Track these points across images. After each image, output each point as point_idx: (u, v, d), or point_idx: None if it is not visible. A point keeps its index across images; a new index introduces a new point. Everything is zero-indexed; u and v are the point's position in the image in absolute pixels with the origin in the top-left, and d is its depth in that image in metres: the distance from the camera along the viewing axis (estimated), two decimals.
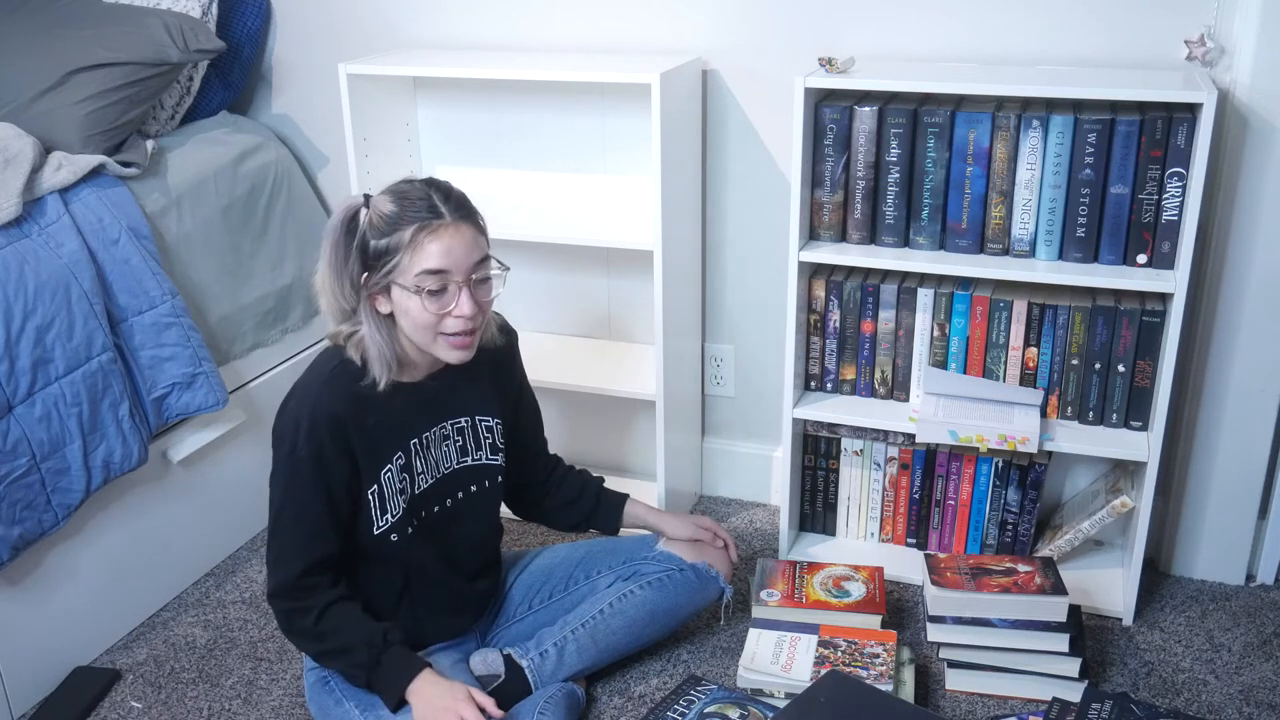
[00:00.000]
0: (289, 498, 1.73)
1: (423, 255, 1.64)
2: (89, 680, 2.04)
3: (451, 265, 1.66)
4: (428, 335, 1.70)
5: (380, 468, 1.76)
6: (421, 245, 1.64)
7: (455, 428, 1.85)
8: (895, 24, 2.18)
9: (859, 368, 2.24)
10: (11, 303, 1.88)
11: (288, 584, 1.74)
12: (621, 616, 1.94)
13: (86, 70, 2.17)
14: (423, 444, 1.81)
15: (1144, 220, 1.97)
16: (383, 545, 1.79)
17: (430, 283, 1.65)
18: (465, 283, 1.67)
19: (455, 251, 1.65)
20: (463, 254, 1.66)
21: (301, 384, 1.75)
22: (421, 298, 1.66)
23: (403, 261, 1.65)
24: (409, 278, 1.65)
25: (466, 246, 1.67)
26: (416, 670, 1.72)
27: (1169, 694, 1.95)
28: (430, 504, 1.84)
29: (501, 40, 2.45)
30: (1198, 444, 2.19)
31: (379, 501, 1.76)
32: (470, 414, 1.87)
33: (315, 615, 1.73)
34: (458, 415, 1.85)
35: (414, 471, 1.80)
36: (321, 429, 1.70)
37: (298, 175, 2.59)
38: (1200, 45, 2.00)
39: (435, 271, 1.65)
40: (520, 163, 2.51)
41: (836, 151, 2.08)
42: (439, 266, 1.65)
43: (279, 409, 1.75)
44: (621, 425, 2.64)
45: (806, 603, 2.07)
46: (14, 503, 1.88)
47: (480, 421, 1.88)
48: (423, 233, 1.64)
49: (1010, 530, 2.25)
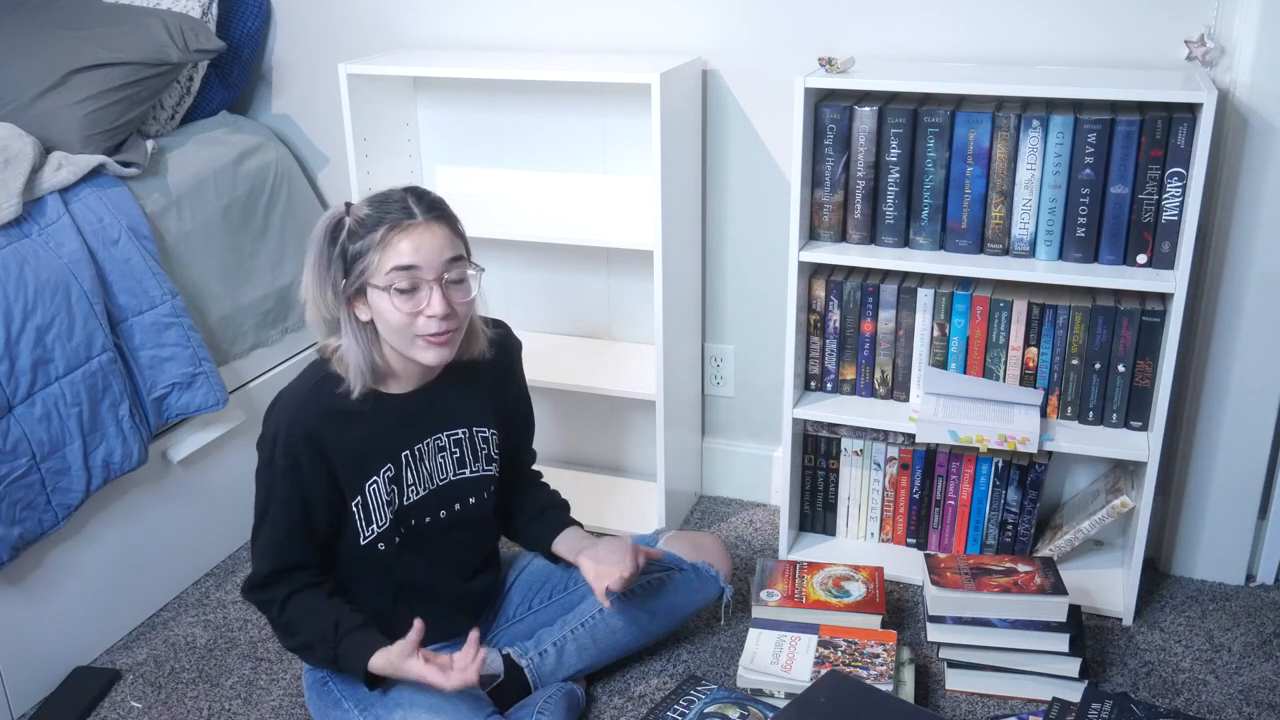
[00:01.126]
0: (267, 502, 1.76)
1: (393, 252, 1.65)
2: (89, 680, 2.04)
3: (422, 262, 1.66)
4: (404, 337, 1.70)
5: (365, 480, 1.76)
6: (392, 243, 1.65)
7: (452, 439, 1.85)
8: (895, 24, 2.18)
9: (859, 368, 2.24)
10: (11, 303, 1.88)
11: (256, 579, 1.78)
12: (621, 616, 1.94)
13: (86, 70, 2.17)
14: (415, 456, 1.81)
15: (1144, 220, 1.97)
16: (371, 554, 1.80)
17: (401, 280, 1.65)
18: (437, 281, 1.67)
19: (425, 249, 1.66)
20: (433, 252, 1.66)
21: (285, 394, 1.77)
22: (392, 296, 1.66)
23: (374, 260, 1.65)
24: (380, 276, 1.66)
25: (438, 245, 1.67)
26: (371, 651, 1.72)
27: (1169, 694, 1.95)
28: (421, 514, 1.83)
29: (501, 40, 2.45)
30: (1198, 444, 2.19)
31: (364, 513, 1.77)
32: (468, 425, 1.86)
33: (278, 608, 1.77)
34: (454, 427, 1.85)
35: (404, 483, 1.80)
36: (298, 442, 1.71)
37: (298, 175, 2.59)
38: (1200, 45, 2.00)
39: (405, 268, 1.65)
40: (520, 163, 2.50)
41: (836, 151, 2.08)
42: (409, 263, 1.65)
43: (265, 413, 1.77)
44: (621, 425, 2.64)
45: (806, 603, 2.07)
46: (14, 503, 1.88)
47: (477, 433, 1.87)
48: (394, 231, 1.65)
49: (1010, 530, 2.25)
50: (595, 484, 2.62)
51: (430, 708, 1.73)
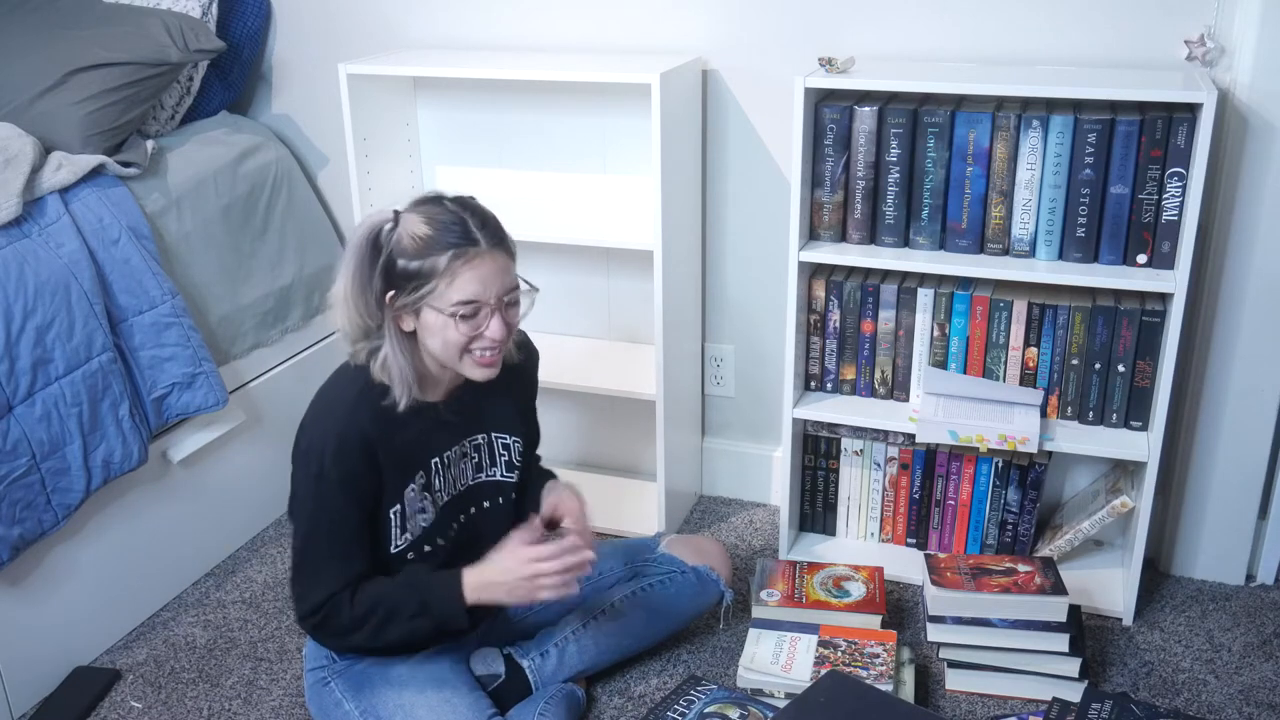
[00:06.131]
0: (319, 519, 1.72)
1: (460, 283, 1.64)
2: (89, 680, 2.04)
3: (483, 295, 1.66)
4: (455, 354, 1.69)
5: (404, 486, 1.75)
6: (458, 273, 1.63)
7: (473, 445, 1.84)
8: (895, 24, 2.18)
9: (859, 368, 2.24)
10: (11, 303, 1.88)
11: (321, 604, 1.72)
12: (622, 618, 1.94)
13: (86, 70, 2.17)
14: (444, 463, 1.80)
15: (1144, 220, 1.97)
16: (397, 561, 1.78)
17: (465, 310, 1.65)
18: (497, 307, 1.68)
19: (490, 280, 1.66)
20: (497, 281, 1.67)
21: (325, 404, 1.73)
22: (456, 322, 1.65)
23: (439, 288, 1.64)
24: (444, 303, 1.64)
25: (500, 273, 1.67)
26: (459, 580, 1.72)
27: (1169, 694, 1.95)
28: (447, 521, 1.82)
29: (501, 40, 2.45)
30: (1198, 444, 2.19)
31: (400, 520, 1.76)
32: (487, 431, 1.86)
33: (348, 604, 1.72)
34: (475, 433, 1.84)
35: (433, 489, 1.79)
36: (352, 449, 1.68)
37: (298, 175, 2.59)
38: (1200, 45, 2.00)
39: (467, 301, 1.65)
40: (520, 163, 2.50)
41: (836, 151, 2.08)
42: (475, 297, 1.65)
43: (300, 429, 1.73)
44: (621, 425, 2.64)
45: (806, 603, 2.07)
46: (14, 503, 1.88)
47: (497, 439, 1.87)
48: (458, 260, 1.63)
49: (1010, 530, 2.25)
50: (595, 484, 2.62)
51: (430, 708, 1.73)
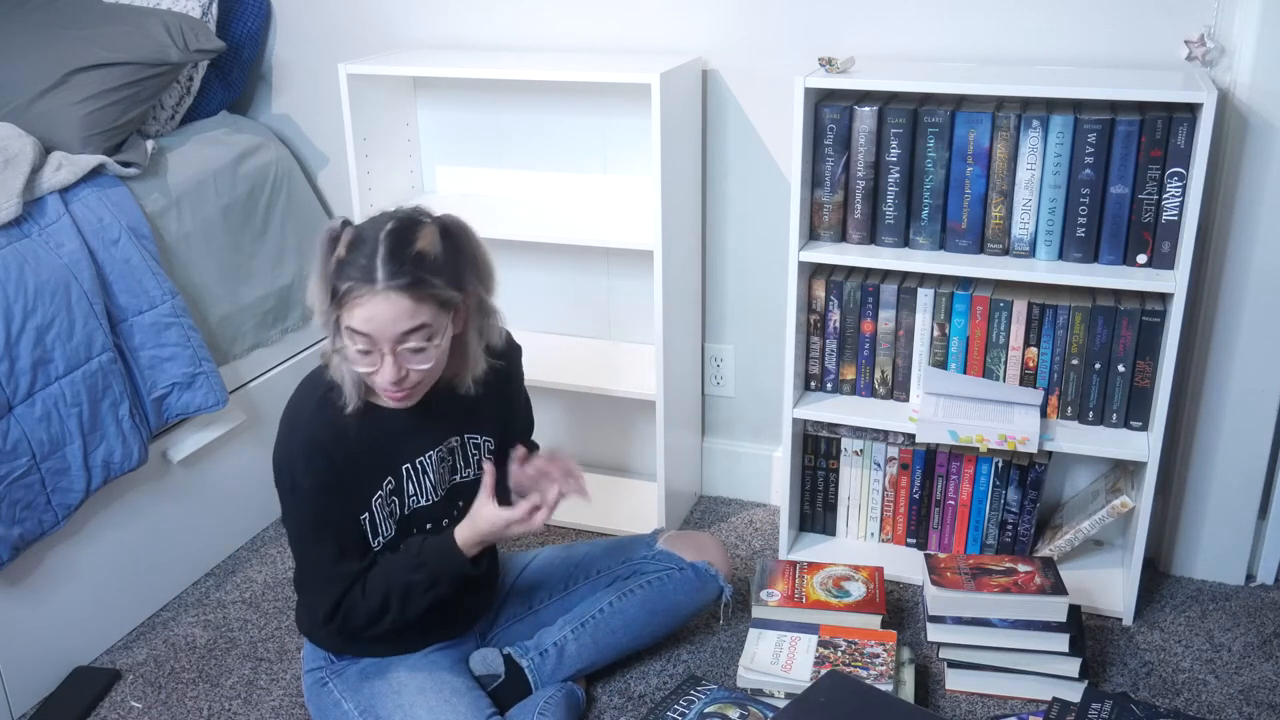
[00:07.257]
0: (306, 529, 1.73)
1: (347, 316, 1.60)
2: (89, 680, 2.04)
3: (374, 332, 1.60)
4: (363, 380, 1.68)
5: (370, 494, 1.75)
6: (346, 305, 1.60)
7: (448, 448, 1.83)
8: (895, 24, 2.18)
9: (859, 368, 2.24)
10: (11, 303, 1.88)
11: (334, 608, 1.73)
12: (621, 616, 1.94)
13: (86, 70, 2.17)
14: (416, 469, 1.79)
15: (1144, 220, 1.97)
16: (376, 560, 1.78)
17: (360, 343, 1.61)
18: (391, 351, 1.62)
19: (378, 321, 1.58)
20: (387, 324, 1.58)
21: (287, 418, 1.74)
22: (355, 348, 1.63)
23: (341, 314, 1.61)
24: (344, 327, 1.62)
25: (393, 317, 1.58)
26: (452, 540, 1.74)
27: (1169, 694, 1.95)
28: (423, 524, 1.82)
29: (501, 40, 2.45)
30: (1198, 444, 2.19)
31: (370, 526, 1.76)
32: (460, 433, 1.84)
33: (361, 599, 1.73)
34: (449, 436, 1.83)
35: (404, 494, 1.79)
36: (317, 455, 1.69)
37: (298, 175, 2.59)
38: (1200, 45, 2.00)
39: (360, 334, 1.61)
40: (520, 163, 2.51)
41: (836, 151, 2.08)
42: (362, 330, 1.60)
43: (276, 442, 1.73)
44: (621, 425, 2.64)
45: (806, 603, 2.07)
46: (14, 503, 1.88)
47: (469, 440, 1.85)
48: (351, 295, 1.59)
49: (1010, 530, 2.25)
50: (595, 484, 2.58)
51: (430, 708, 1.73)
